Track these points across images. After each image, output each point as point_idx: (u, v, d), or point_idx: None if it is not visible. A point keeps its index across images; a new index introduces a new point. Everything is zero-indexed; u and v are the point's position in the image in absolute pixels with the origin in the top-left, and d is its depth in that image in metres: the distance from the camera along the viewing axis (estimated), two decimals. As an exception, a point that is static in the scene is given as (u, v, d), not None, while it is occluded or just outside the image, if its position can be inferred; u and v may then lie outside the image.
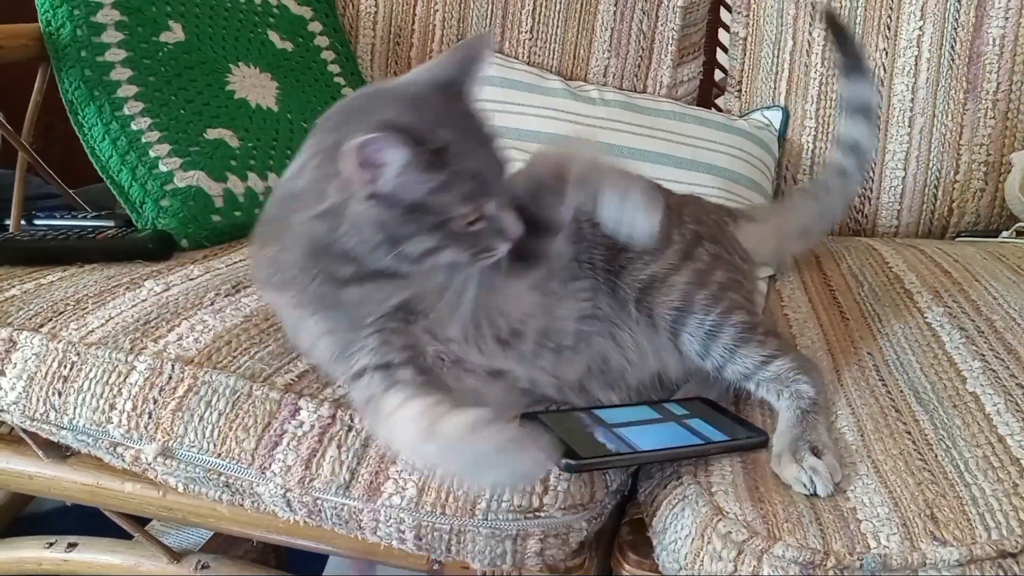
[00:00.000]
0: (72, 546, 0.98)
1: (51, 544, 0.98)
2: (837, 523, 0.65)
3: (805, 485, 0.68)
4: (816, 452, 0.71)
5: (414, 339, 0.73)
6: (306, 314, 0.76)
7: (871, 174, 1.33)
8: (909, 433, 0.73)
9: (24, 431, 0.86)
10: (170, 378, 0.80)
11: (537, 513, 0.71)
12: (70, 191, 1.24)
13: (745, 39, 1.43)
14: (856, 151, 1.10)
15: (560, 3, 1.44)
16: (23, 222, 1.13)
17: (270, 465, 0.75)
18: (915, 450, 0.71)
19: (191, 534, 1.20)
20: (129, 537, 0.97)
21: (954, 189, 1.29)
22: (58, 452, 0.88)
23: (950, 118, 1.28)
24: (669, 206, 0.91)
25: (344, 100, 0.75)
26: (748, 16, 1.43)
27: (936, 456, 0.70)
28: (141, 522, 0.99)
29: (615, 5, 1.44)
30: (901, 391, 0.80)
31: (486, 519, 0.70)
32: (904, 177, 1.31)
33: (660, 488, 0.75)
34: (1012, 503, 0.64)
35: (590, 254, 0.85)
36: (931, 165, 1.30)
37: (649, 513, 0.75)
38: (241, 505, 0.79)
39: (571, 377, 0.80)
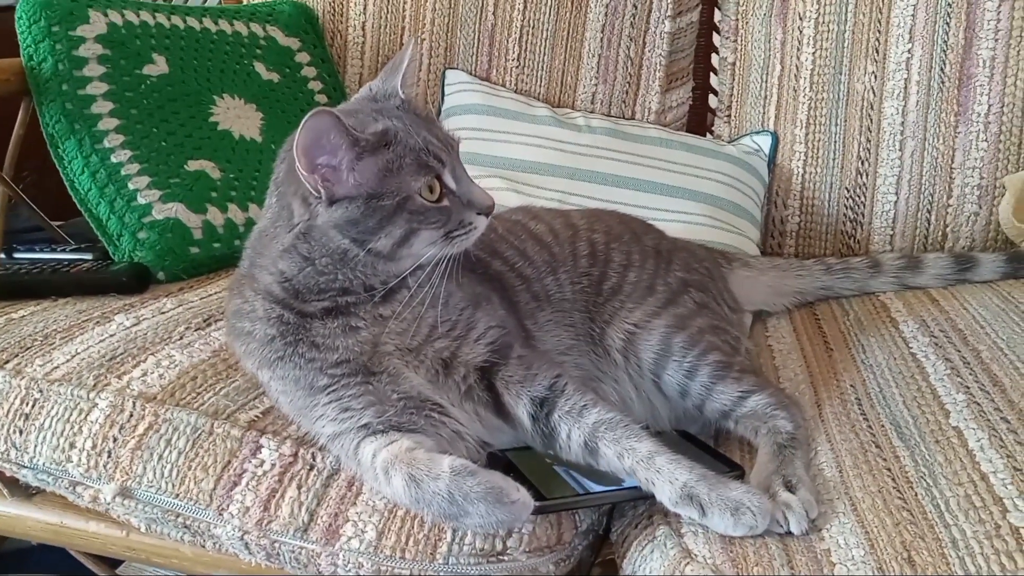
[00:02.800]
0: (39, 586, 0.96)
1: (18, 584, 0.96)
2: (810, 566, 0.62)
3: (778, 523, 0.66)
4: (790, 487, 0.69)
5: (378, 394, 0.72)
6: (258, 369, 0.76)
7: (862, 198, 1.31)
8: (889, 470, 0.70)
9: (-10, 469, 0.84)
10: (131, 416, 0.78)
11: (500, 557, 0.68)
12: (51, 223, 1.24)
13: (734, 64, 1.42)
14: (918, 268, 1.10)
15: (547, 30, 1.44)
16: (2, 255, 1.12)
17: (228, 506, 0.73)
18: (894, 488, 0.68)
19: (169, 572, 1.18)
20: (98, 576, 0.95)
21: (947, 213, 1.26)
22: (23, 490, 0.86)
23: (941, 141, 1.26)
24: (659, 252, 0.91)
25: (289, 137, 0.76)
26: (736, 41, 1.41)
27: (916, 495, 0.67)
28: (114, 562, 0.97)
29: (602, 32, 1.43)
30: (882, 425, 0.77)
31: (447, 563, 0.68)
32: (896, 202, 1.29)
33: (631, 528, 0.73)
34: (994, 546, 0.61)
35: (571, 316, 0.84)
36: (923, 189, 1.27)
37: (620, 554, 0.72)
38: (203, 546, 0.77)
39: None
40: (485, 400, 0.74)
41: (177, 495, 0.74)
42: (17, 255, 1.12)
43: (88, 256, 1.09)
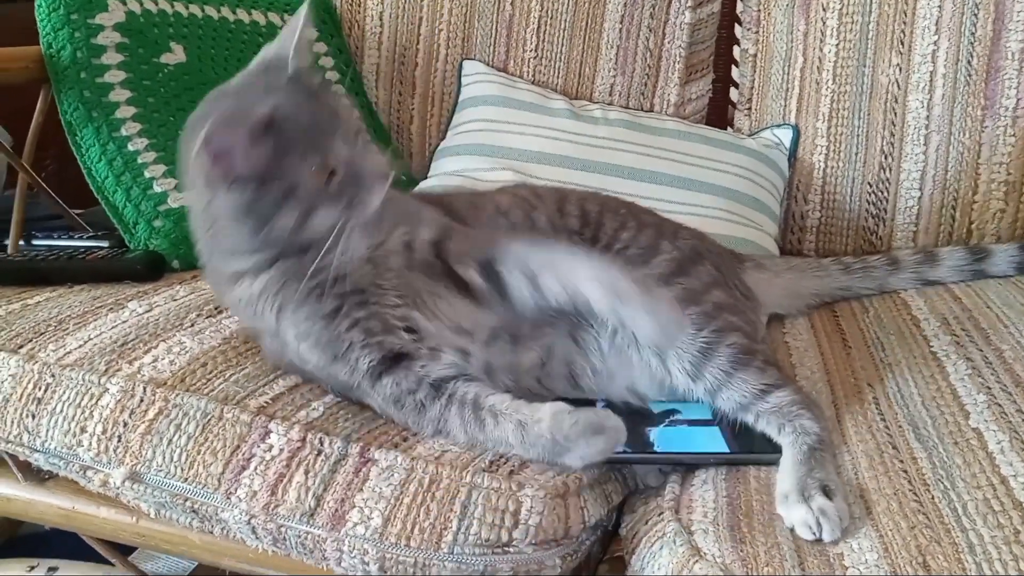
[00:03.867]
0: (53, 569, 0.97)
1: (33, 567, 0.98)
2: (822, 569, 0.61)
3: (811, 528, 0.64)
4: (827, 493, 0.66)
5: (384, 317, 0.74)
6: (279, 318, 0.76)
7: (885, 194, 1.28)
8: (905, 472, 0.69)
9: (6, 453, 0.85)
10: (141, 400, 0.79)
11: (506, 548, 0.68)
12: (70, 211, 1.25)
13: (755, 56, 1.40)
14: (934, 262, 1.07)
15: (565, 21, 1.42)
16: (22, 242, 1.13)
17: (236, 490, 0.73)
18: (911, 490, 0.67)
19: (180, 560, 1.19)
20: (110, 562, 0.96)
21: (972, 210, 1.23)
22: (36, 475, 0.87)
23: (967, 136, 1.23)
24: (661, 225, 0.88)
25: (189, 117, 0.77)
26: (758, 32, 1.39)
27: (933, 497, 0.65)
28: (128, 549, 0.98)
29: (621, 23, 1.41)
30: (900, 426, 0.75)
31: (451, 553, 0.67)
32: (920, 197, 1.26)
33: (641, 524, 0.72)
34: (1012, 551, 0.59)
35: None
36: (948, 185, 1.25)
37: (629, 550, 0.71)
38: (211, 532, 0.77)
39: (525, 365, 0.79)
40: (446, 277, 0.76)
41: (186, 479, 0.74)
42: (35, 242, 1.13)
43: (104, 244, 1.10)
